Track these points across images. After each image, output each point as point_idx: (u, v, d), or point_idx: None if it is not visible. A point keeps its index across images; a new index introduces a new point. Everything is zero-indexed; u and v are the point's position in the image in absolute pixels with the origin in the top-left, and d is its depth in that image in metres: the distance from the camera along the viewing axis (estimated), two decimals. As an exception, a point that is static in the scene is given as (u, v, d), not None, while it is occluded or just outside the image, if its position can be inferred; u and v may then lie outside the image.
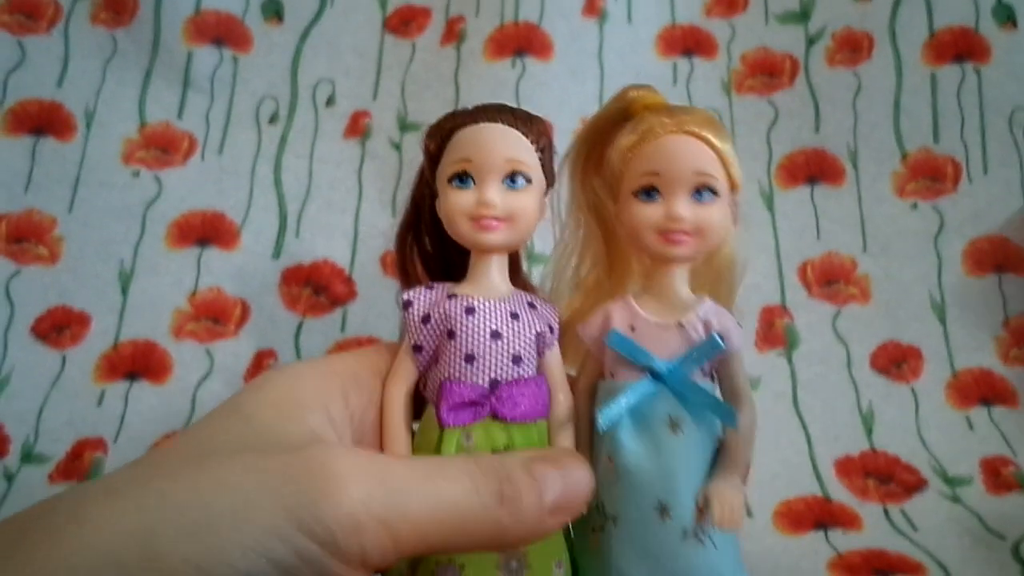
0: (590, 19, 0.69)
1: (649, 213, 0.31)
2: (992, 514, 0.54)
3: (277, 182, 0.65)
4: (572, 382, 0.33)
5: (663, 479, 0.30)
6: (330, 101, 0.68)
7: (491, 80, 0.66)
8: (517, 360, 0.31)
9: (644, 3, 0.71)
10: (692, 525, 0.30)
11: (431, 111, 0.66)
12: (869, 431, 0.59)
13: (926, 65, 0.67)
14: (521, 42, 0.67)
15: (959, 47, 0.67)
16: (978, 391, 0.60)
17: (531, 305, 0.32)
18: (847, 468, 0.57)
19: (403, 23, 0.70)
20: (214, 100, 0.68)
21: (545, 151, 0.32)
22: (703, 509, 0.30)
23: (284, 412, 0.27)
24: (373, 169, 0.66)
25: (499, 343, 0.31)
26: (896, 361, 0.61)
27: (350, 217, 0.64)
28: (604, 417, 0.30)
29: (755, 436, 0.33)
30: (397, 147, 0.66)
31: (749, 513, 0.54)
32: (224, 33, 0.68)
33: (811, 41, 0.70)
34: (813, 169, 0.67)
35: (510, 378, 0.31)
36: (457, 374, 0.31)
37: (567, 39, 0.68)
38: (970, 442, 0.58)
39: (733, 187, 0.32)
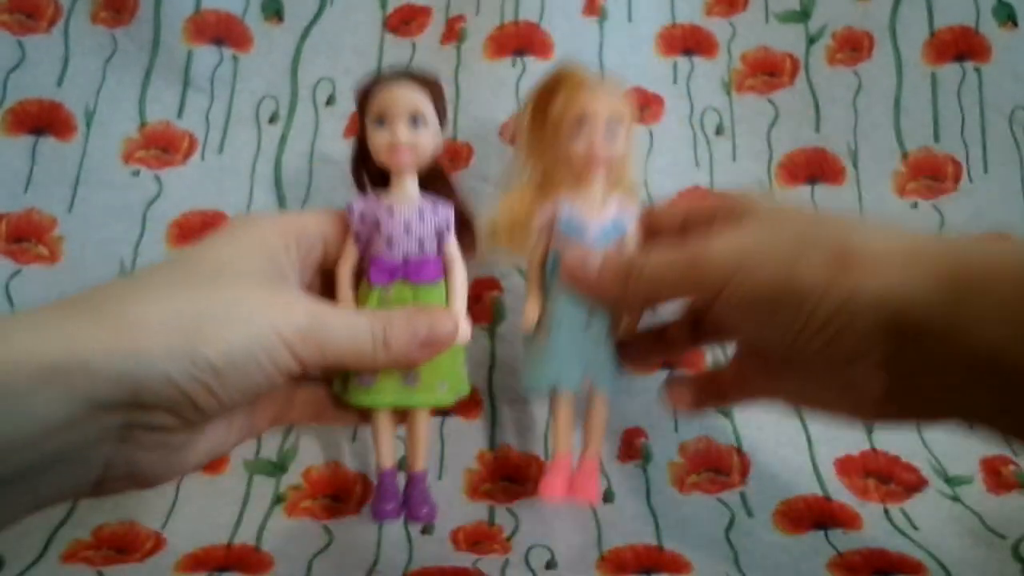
0: (590, 18, 0.69)
1: (581, 139, 0.47)
2: (992, 514, 0.54)
3: (277, 182, 0.65)
4: (519, 246, 0.49)
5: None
6: (330, 101, 0.68)
7: (491, 79, 0.66)
8: (421, 245, 0.46)
9: (644, 2, 0.71)
10: (608, 329, 0.47)
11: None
12: (869, 430, 0.59)
13: (926, 64, 0.67)
14: (521, 41, 0.67)
15: (959, 46, 0.67)
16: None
17: (434, 208, 0.46)
18: (847, 468, 0.57)
19: (403, 22, 0.70)
20: (214, 99, 0.68)
21: (435, 96, 0.47)
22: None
23: (259, 251, 0.41)
24: (373, 168, 0.66)
25: (409, 233, 0.46)
26: (896, 360, 0.61)
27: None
28: (553, 260, 0.47)
29: None
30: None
31: (750, 513, 0.55)
32: (224, 32, 0.68)
33: (811, 40, 0.70)
34: (814, 168, 0.67)
35: (417, 255, 0.46)
36: (381, 253, 0.45)
37: (567, 38, 0.68)
38: (970, 442, 0.58)
39: (630, 127, 0.49)
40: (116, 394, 0.33)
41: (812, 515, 0.54)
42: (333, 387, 0.46)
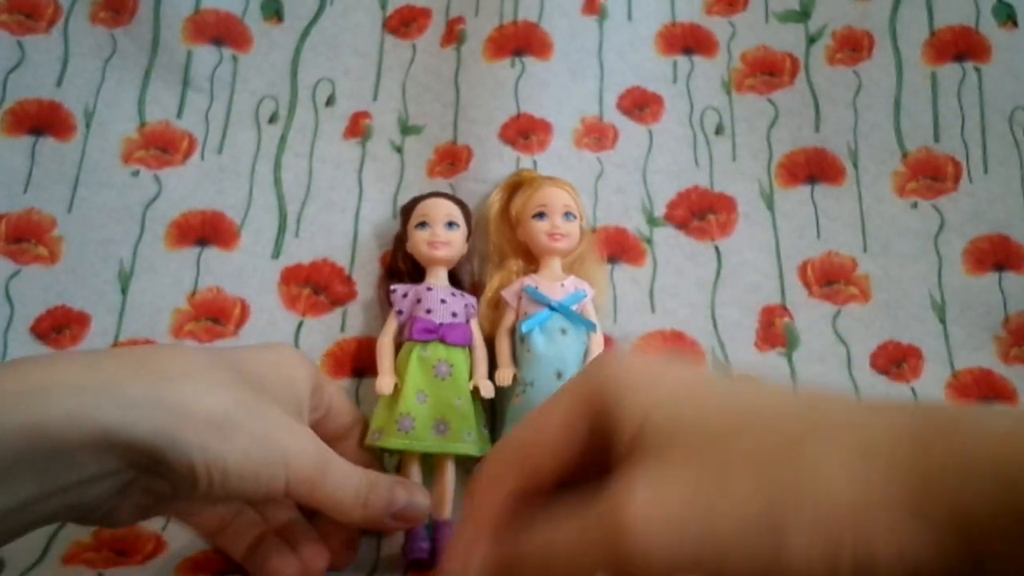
0: (590, 17, 0.69)
1: (542, 226, 0.58)
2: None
3: (277, 182, 0.65)
4: (497, 325, 0.57)
5: (558, 358, 0.54)
6: (330, 101, 0.68)
7: (490, 81, 0.66)
8: (455, 315, 0.56)
9: (644, 1, 0.71)
10: None
11: (432, 114, 0.66)
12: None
13: (926, 64, 0.67)
14: (520, 41, 0.67)
15: (959, 46, 0.67)
16: (978, 391, 0.60)
17: (461, 293, 0.58)
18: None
19: (403, 24, 0.70)
20: (214, 100, 0.67)
21: (465, 214, 0.59)
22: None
23: (290, 386, 0.45)
24: (374, 170, 0.66)
25: (445, 305, 0.56)
26: (896, 361, 0.61)
27: (350, 217, 0.64)
28: (526, 326, 0.55)
29: (602, 343, 0.57)
30: (399, 149, 0.66)
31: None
32: (224, 32, 0.68)
33: (811, 40, 0.70)
34: (813, 168, 0.67)
35: (450, 322, 0.55)
36: (422, 316, 0.55)
37: (567, 37, 0.68)
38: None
39: (581, 217, 0.60)
40: (143, 461, 0.36)
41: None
42: (367, 439, 0.53)
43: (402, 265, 0.60)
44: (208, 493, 0.38)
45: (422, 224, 0.57)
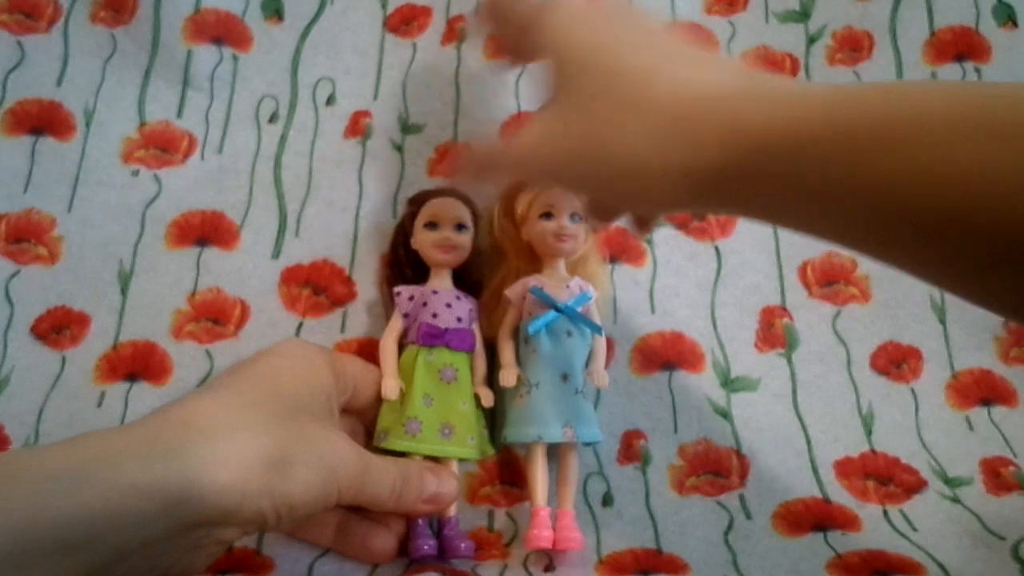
0: (591, 16, 0.69)
1: (549, 226, 0.56)
2: (992, 515, 0.54)
3: (277, 181, 0.65)
4: (498, 325, 0.57)
5: (565, 360, 0.54)
6: (330, 100, 0.68)
7: (491, 79, 0.66)
8: (459, 320, 0.56)
9: (644, 0, 0.71)
10: (581, 385, 0.54)
11: (432, 112, 0.66)
12: (869, 432, 0.59)
13: (926, 64, 0.67)
14: (521, 40, 0.67)
15: (959, 47, 0.67)
16: (978, 391, 0.60)
17: (466, 296, 0.57)
18: (847, 469, 0.57)
19: (404, 22, 0.70)
20: (214, 99, 0.67)
21: (474, 214, 0.58)
22: (589, 377, 0.55)
23: (320, 390, 0.48)
24: (374, 169, 0.66)
25: (450, 309, 0.55)
26: (896, 361, 0.61)
27: (350, 217, 0.64)
28: (533, 327, 0.54)
29: (605, 345, 0.57)
30: (399, 148, 0.66)
31: (748, 516, 0.55)
32: (224, 32, 0.68)
33: (811, 40, 0.69)
34: (813, 168, 0.66)
35: (455, 327, 0.55)
36: (428, 320, 0.55)
37: (567, 37, 0.68)
38: (970, 442, 0.58)
39: (586, 219, 0.57)
40: (212, 518, 0.38)
41: (811, 517, 0.55)
42: (374, 440, 0.54)
43: (403, 254, 0.59)
44: (277, 527, 0.42)
45: (431, 224, 0.57)
